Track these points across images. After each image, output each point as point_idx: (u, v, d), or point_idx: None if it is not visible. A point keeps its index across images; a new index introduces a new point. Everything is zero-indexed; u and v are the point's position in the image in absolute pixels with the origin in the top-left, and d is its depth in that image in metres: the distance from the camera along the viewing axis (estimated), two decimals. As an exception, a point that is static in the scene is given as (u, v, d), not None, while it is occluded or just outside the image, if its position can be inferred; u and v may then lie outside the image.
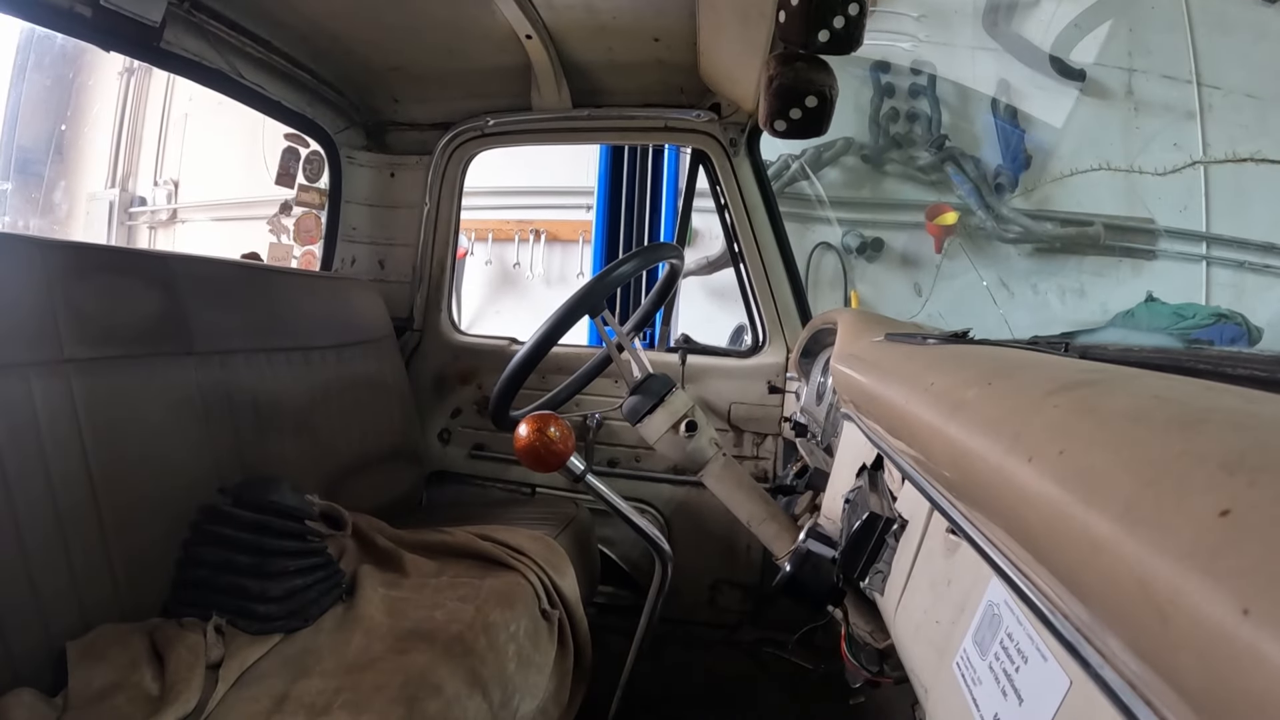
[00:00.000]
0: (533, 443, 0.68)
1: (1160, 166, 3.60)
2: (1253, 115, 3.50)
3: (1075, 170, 3.73)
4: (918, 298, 3.83)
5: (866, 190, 3.98)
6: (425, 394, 1.81)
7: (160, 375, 1.04)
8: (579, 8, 1.33)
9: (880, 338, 0.76)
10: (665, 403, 1.06)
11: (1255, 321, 3.35)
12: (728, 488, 1.09)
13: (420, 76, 1.65)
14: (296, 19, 1.42)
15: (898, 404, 0.49)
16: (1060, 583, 0.25)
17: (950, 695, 0.37)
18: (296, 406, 1.31)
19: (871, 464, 0.67)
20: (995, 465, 0.31)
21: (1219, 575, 0.17)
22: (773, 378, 1.59)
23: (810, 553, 0.71)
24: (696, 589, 1.66)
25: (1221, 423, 0.22)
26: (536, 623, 1.08)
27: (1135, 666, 0.21)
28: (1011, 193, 3.80)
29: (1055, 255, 3.77)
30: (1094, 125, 3.72)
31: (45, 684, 0.79)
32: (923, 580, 0.47)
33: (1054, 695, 0.27)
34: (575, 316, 1.04)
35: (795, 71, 0.85)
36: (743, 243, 1.59)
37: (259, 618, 0.92)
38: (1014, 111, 3.80)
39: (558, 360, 1.59)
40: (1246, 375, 0.33)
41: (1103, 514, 0.22)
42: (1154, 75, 3.67)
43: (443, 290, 1.83)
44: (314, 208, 3.04)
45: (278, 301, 1.36)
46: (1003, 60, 3.76)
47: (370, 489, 1.48)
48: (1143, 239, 3.70)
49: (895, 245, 3.92)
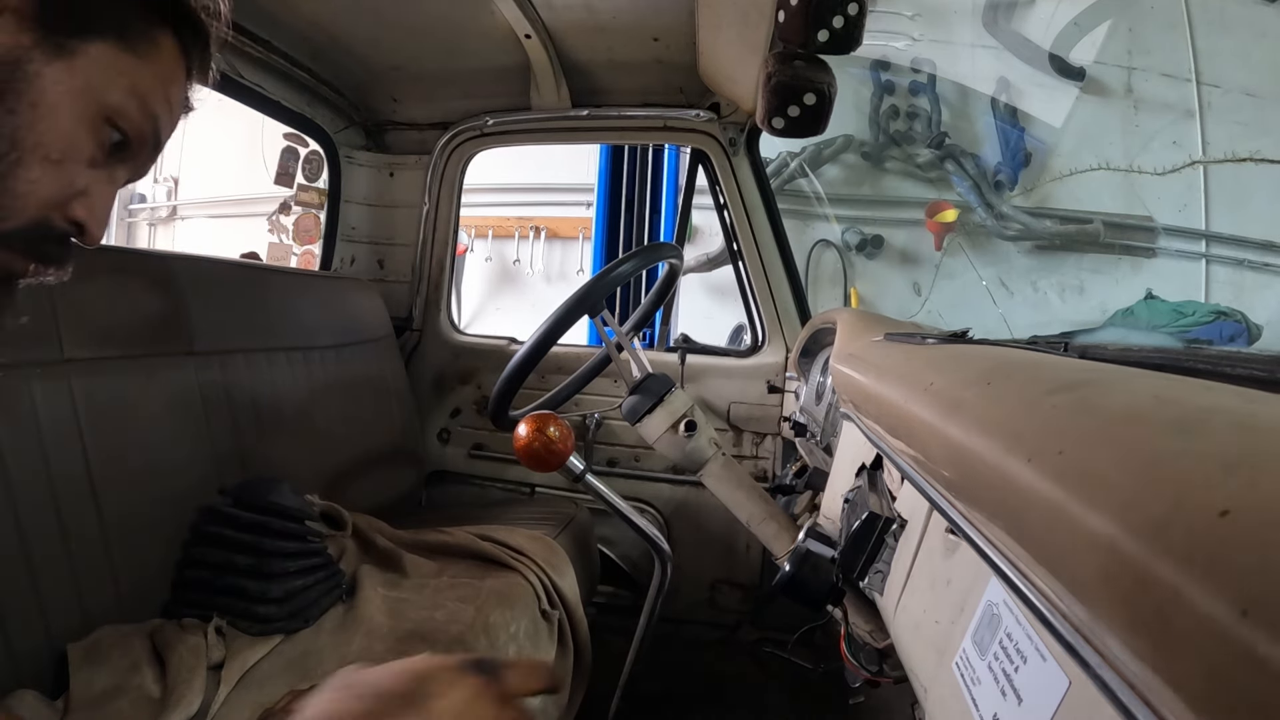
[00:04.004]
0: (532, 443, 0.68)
1: (1160, 165, 3.60)
2: (1252, 114, 3.50)
3: (1075, 170, 3.73)
4: (917, 297, 3.83)
5: (866, 187, 3.98)
6: (425, 394, 1.81)
7: (160, 375, 1.04)
8: (578, 7, 1.33)
9: (879, 337, 0.76)
10: (665, 402, 1.06)
11: (1255, 319, 3.36)
12: (727, 487, 1.09)
13: (419, 76, 1.65)
14: (296, 19, 1.41)
15: (897, 404, 0.49)
16: (1059, 583, 0.25)
17: (949, 695, 0.37)
18: (296, 406, 1.31)
19: (871, 464, 0.67)
20: (994, 465, 0.31)
21: (1219, 575, 0.17)
22: (772, 377, 1.58)
23: (810, 552, 0.71)
24: (696, 589, 1.66)
25: (1221, 423, 0.22)
26: (536, 623, 1.08)
27: (1135, 667, 0.21)
28: (1011, 190, 3.80)
29: (1055, 253, 3.77)
30: (1093, 123, 3.72)
31: (46, 686, 0.79)
32: (922, 580, 0.47)
33: (1053, 695, 0.27)
34: (574, 316, 1.04)
35: (794, 69, 0.85)
36: (742, 242, 1.59)
37: (259, 619, 0.92)
38: (1014, 109, 3.81)
39: (557, 360, 1.59)
40: (1246, 375, 0.33)
41: (1102, 514, 0.22)
42: (1154, 74, 3.67)
43: (442, 290, 1.82)
44: (313, 207, 3.04)
45: (277, 301, 1.36)
46: (1003, 58, 3.76)
47: (370, 489, 1.48)
48: (1142, 237, 3.70)
49: (895, 242, 3.92)
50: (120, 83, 0.48)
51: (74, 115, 0.46)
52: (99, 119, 0.47)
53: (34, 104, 0.44)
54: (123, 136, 0.49)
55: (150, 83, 0.50)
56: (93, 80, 0.46)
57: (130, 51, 0.48)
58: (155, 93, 0.50)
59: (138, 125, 0.49)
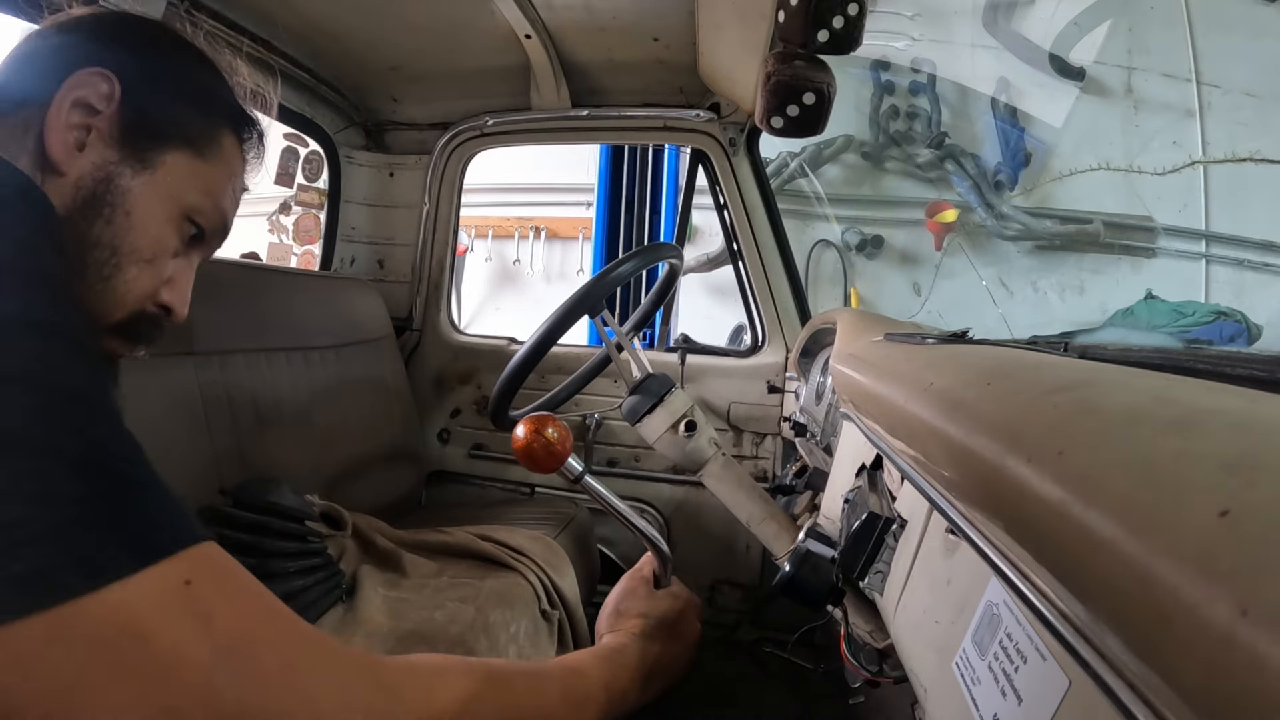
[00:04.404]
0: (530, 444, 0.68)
1: (1160, 165, 3.60)
2: (1252, 113, 3.50)
3: (1075, 170, 3.74)
4: (917, 297, 3.83)
5: (866, 187, 3.99)
6: (425, 394, 1.81)
7: (160, 375, 1.04)
8: (578, 8, 1.33)
9: (879, 337, 0.76)
10: (664, 402, 1.06)
11: (1255, 319, 3.36)
12: (727, 487, 1.09)
13: (419, 76, 1.65)
14: (296, 19, 1.41)
15: (897, 404, 0.49)
16: (1060, 583, 0.25)
17: (949, 695, 0.37)
18: (296, 406, 1.31)
19: (871, 464, 0.67)
20: (994, 465, 0.31)
21: (1219, 575, 0.17)
22: (772, 377, 1.58)
23: (809, 552, 0.71)
24: (696, 589, 1.65)
25: (1221, 423, 0.22)
26: (536, 623, 1.08)
27: (1135, 667, 0.21)
28: (1011, 190, 3.80)
29: (1055, 253, 3.77)
30: (1093, 123, 3.72)
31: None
32: (922, 580, 0.47)
33: (1053, 695, 0.27)
34: (574, 316, 1.04)
35: (793, 69, 0.85)
36: (742, 243, 1.59)
37: (259, 618, 0.92)
38: (1014, 109, 3.81)
39: (557, 360, 1.59)
40: (1246, 375, 0.33)
41: (1102, 514, 0.22)
42: (1154, 74, 3.67)
43: (442, 290, 1.82)
44: (313, 207, 3.04)
45: (277, 301, 1.36)
46: (1003, 58, 3.76)
47: (370, 489, 1.48)
48: (1142, 237, 3.70)
49: (895, 242, 3.92)
50: (195, 185, 0.55)
51: (160, 219, 0.53)
52: (181, 218, 0.54)
53: (128, 213, 0.50)
54: (199, 230, 0.56)
55: (219, 181, 0.57)
56: (173, 187, 0.53)
57: (200, 156, 0.55)
58: (224, 188, 0.58)
59: (212, 219, 0.57)
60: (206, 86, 0.58)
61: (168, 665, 0.29)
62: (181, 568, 0.31)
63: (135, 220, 0.51)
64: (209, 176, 0.56)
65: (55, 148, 0.48)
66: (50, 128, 0.48)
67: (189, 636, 0.30)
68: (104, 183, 0.49)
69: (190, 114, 0.55)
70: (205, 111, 0.57)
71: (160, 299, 0.54)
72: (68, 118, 0.48)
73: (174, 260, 0.55)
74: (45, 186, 0.47)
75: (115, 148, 0.50)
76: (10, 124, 0.48)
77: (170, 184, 0.53)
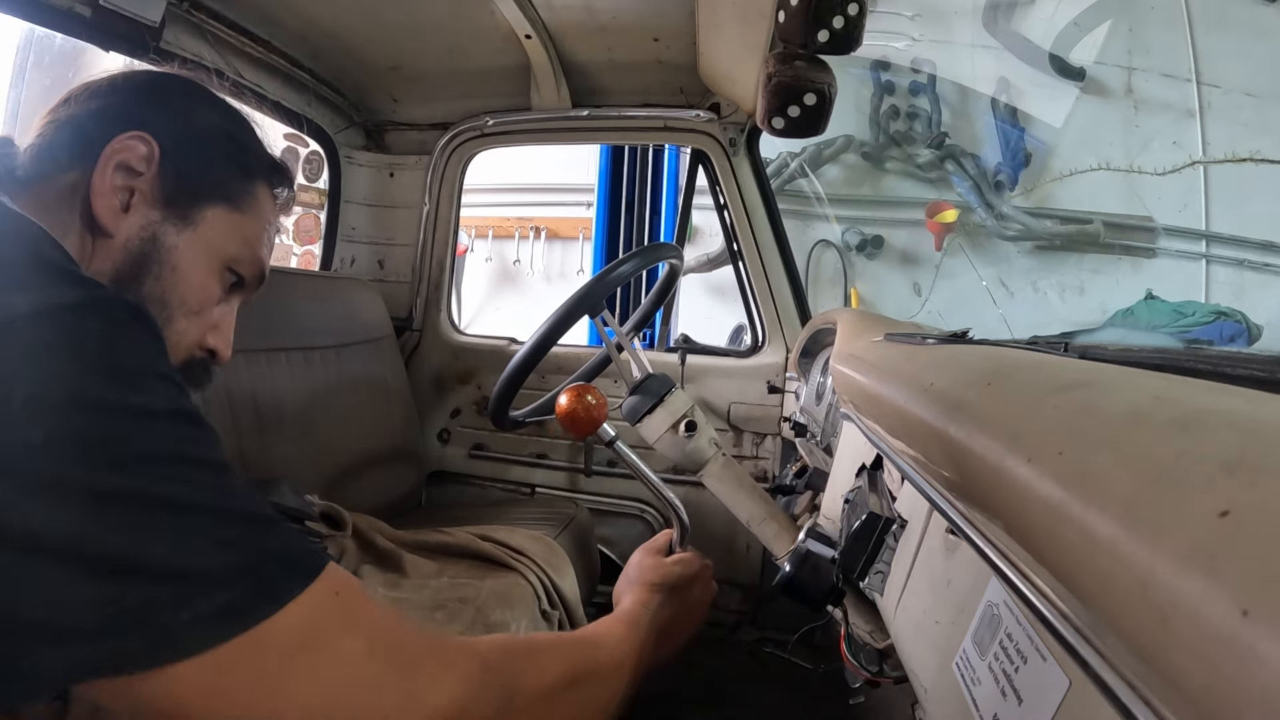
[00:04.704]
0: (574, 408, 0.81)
1: (1160, 165, 3.60)
2: (1252, 113, 3.50)
3: (1075, 170, 3.73)
4: (917, 297, 3.83)
5: (866, 187, 3.98)
6: (425, 394, 1.80)
7: (160, 376, 1.04)
8: (578, 8, 1.33)
9: (879, 338, 0.76)
10: (665, 403, 1.06)
11: (1255, 319, 3.36)
12: (727, 488, 1.09)
13: (419, 76, 1.65)
14: (295, 19, 1.41)
15: (897, 404, 0.49)
16: (1060, 583, 0.25)
17: (949, 695, 0.37)
18: (296, 406, 1.31)
19: (871, 464, 0.67)
20: (994, 465, 0.31)
21: (1219, 575, 0.17)
22: (772, 378, 1.58)
23: (810, 553, 0.71)
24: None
25: (1221, 423, 0.22)
26: (536, 623, 1.08)
27: (1135, 667, 0.21)
28: (1011, 190, 3.80)
29: (1055, 253, 3.77)
30: (1093, 123, 3.72)
31: (45, 685, 0.79)
32: (922, 580, 0.47)
33: (1053, 695, 0.27)
34: (574, 317, 1.04)
35: (794, 69, 0.85)
36: (742, 243, 1.59)
37: (259, 618, 0.92)
38: (1014, 109, 3.81)
39: (557, 360, 1.59)
40: (1246, 375, 0.33)
41: (1102, 514, 0.22)
42: (1154, 74, 3.67)
43: (442, 290, 1.82)
44: (313, 207, 3.04)
45: (277, 301, 1.36)
46: (1003, 58, 3.76)
47: (370, 489, 1.48)
48: (1142, 237, 3.70)
49: (895, 242, 3.92)
50: (234, 237, 0.58)
51: (204, 271, 0.56)
52: (222, 269, 0.58)
53: (174, 268, 0.53)
54: (239, 278, 0.60)
55: (257, 231, 0.61)
56: (214, 241, 0.56)
57: (237, 210, 0.58)
58: (260, 238, 0.61)
59: (251, 267, 0.60)
60: (239, 142, 0.61)
61: (338, 663, 0.37)
62: (329, 582, 0.38)
63: (181, 275, 0.54)
64: (247, 228, 0.59)
65: (102, 211, 0.50)
66: (96, 192, 0.50)
67: (349, 637, 0.38)
68: (150, 241, 0.52)
69: (226, 170, 0.58)
70: (240, 165, 0.59)
71: (206, 344, 0.58)
72: (111, 181, 0.51)
73: (217, 307, 0.59)
74: (96, 249, 0.50)
75: (158, 207, 0.53)
76: (57, 188, 0.50)
77: (211, 238, 0.56)
